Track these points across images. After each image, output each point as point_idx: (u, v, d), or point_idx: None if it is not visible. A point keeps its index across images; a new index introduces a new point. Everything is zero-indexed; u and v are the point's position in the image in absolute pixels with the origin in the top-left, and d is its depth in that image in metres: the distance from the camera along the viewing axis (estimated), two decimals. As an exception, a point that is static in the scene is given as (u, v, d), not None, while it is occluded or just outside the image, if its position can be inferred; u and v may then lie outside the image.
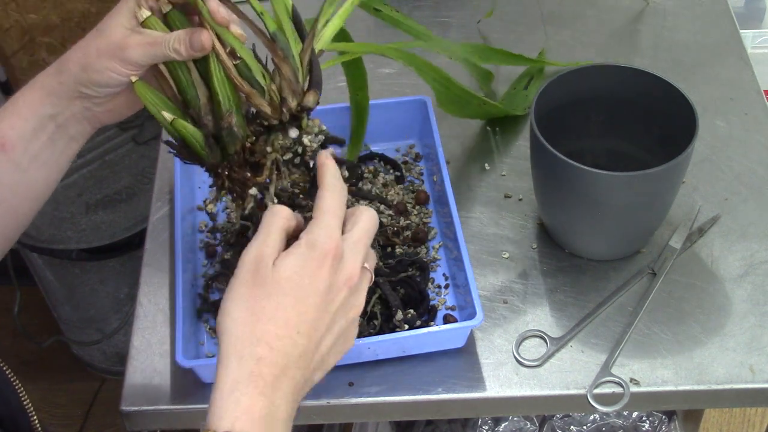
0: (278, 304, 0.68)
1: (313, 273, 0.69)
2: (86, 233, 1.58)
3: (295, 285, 0.69)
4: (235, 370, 0.67)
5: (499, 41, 1.23)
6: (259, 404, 0.66)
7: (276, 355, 0.67)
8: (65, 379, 1.96)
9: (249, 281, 0.70)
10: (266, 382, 0.67)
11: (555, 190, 0.95)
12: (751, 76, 1.17)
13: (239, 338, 0.68)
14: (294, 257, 0.70)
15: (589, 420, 1.15)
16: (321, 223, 0.71)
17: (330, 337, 0.71)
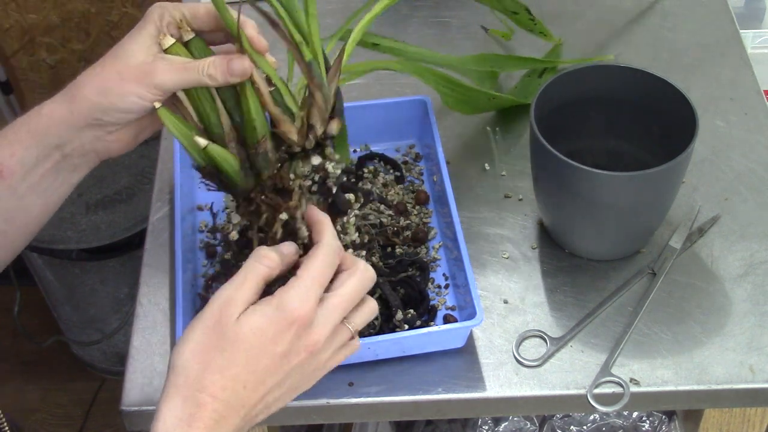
0: (230, 360, 0.70)
1: (273, 337, 0.70)
2: (86, 233, 1.59)
3: (251, 345, 0.70)
4: (179, 409, 0.69)
5: (499, 41, 1.23)
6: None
7: (218, 404, 0.69)
8: (65, 379, 1.96)
9: (209, 327, 0.70)
10: (205, 425, 0.69)
11: (555, 190, 0.95)
12: (751, 76, 1.17)
13: (186, 381, 0.70)
14: (259, 316, 0.70)
15: (589, 420, 1.15)
16: (299, 287, 0.71)
17: (278, 391, 0.72)
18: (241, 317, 0.70)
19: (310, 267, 0.72)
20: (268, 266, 0.73)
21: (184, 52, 0.80)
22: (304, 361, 0.72)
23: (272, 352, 0.70)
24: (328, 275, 0.73)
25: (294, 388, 0.74)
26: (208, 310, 0.71)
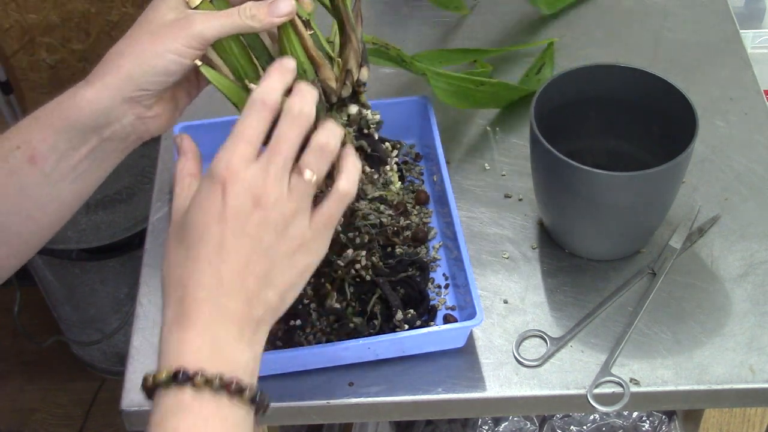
0: (188, 245, 0.68)
1: (211, 205, 0.68)
2: (86, 233, 1.58)
3: (196, 223, 0.68)
4: (164, 315, 0.68)
5: (499, 41, 1.23)
6: (188, 336, 0.66)
7: (192, 290, 0.67)
8: (65, 379, 1.96)
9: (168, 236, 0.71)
10: (190, 317, 0.67)
11: (555, 190, 0.95)
12: (751, 76, 1.17)
13: (164, 287, 0.69)
14: (196, 195, 0.69)
15: (589, 420, 1.15)
16: (220, 151, 0.69)
17: (260, 259, 0.69)
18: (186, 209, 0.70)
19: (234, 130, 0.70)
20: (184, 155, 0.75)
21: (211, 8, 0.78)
22: (261, 217, 0.68)
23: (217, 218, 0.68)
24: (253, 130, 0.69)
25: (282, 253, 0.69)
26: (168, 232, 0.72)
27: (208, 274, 0.68)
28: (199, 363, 0.65)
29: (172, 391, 0.65)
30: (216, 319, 0.67)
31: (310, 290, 0.93)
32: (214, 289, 0.67)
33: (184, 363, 0.65)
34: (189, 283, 0.67)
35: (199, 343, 0.66)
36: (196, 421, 0.65)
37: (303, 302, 0.92)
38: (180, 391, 0.65)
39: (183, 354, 0.66)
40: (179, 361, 0.65)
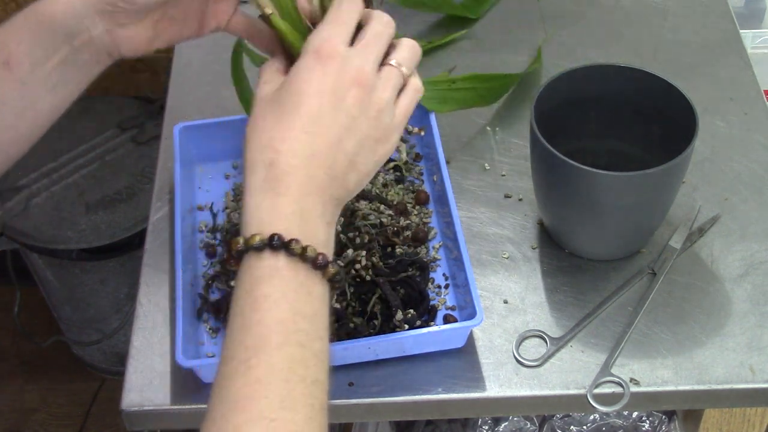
0: (281, 112, 0.68)
1: (312, 76, 0.68)
2: (86, 233, 1.58)
3: (294, 90, 0.68)
4: (250, 179, 0.67)
5: (499, 41, 1.23)
6: (282, 202, 0.66)
7: (285, 156, 0.67)
8: (65, 379, 1.96)
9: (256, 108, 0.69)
10: (280, 182, 0.66)
11: (555, 190, 0.95)
12: (751, 76, 1.17)
13: (248, 152, 0.68)
14: (294, 69, 0.69)
15: (589, 420, 1.15)
16: (319, 29, 0.70)
17: (353, 137, 0.69)
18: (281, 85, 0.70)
19: (329, 13, 0.71)
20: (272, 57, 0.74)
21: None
22: (359, 97, 0.69)
23: (318, 89, 0.68)
24: (350, 16, 0.71)
25: (368, 138, 0.70)
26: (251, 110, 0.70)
27: (302, 142, 0.67)
28: (290, 231, 0.65)
29: (265, 256, 0.64)
30: (306, 190, 0.67)
31: (310, 290, 0.93)
32: (307, 159, 0.67)
33: (276, 229, 0.64)
34: (282, 149, 0.67)
35: (290, 211, 0.66)
36: (287, 290, 0.64)
37: (303, 302, 0.92)
38: (273, 256, 0.64)
39: (275, 220, 0.65)
40: (272, 227, 0.65)
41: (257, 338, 0.61)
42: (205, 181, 1.08)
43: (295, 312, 0.63)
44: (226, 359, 0.62)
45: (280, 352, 0.61)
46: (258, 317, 0.62)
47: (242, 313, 0.63)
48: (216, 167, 1.08)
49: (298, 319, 0.63)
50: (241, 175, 1.08)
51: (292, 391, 0.61)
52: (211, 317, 0.95)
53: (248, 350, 0.61)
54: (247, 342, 0.62)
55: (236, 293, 0.65)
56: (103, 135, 1.70)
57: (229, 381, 0.61)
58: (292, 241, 0.64)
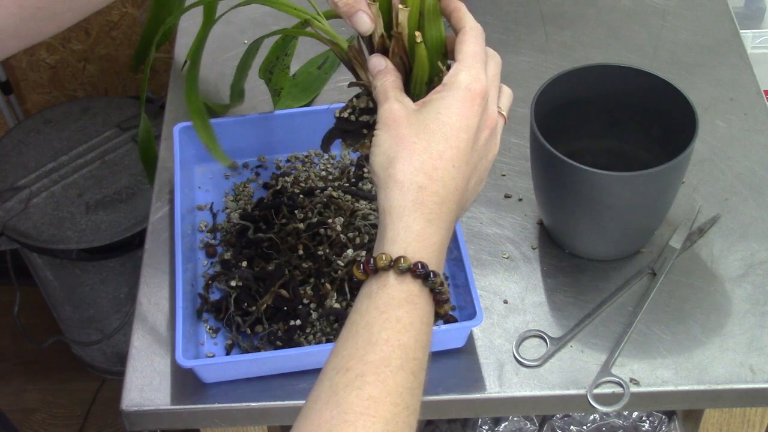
0: (430, 140, 0.69)
1: (462, 112, 0.70)
2: (86, 233, 1.58)
3: (445, 122, 0.69)
4: (399, 197, 0.68)
5: (499, 41, 1.23)
6: (429, 231, 0.67)
7: (436, 184, 0.68)
8: (65, 379, 1.96)
9: (393, 126, 0.70)
10: (430, 210, 0.68)
11: (555, 190, 0.95)
12: (751, 76, 1.17)
13: (398, 169, 0.68)
14: (440, 99, 0.70)
15: (589, 420, 1.15)
16: (467, 65, 0.71)
17: (476, 175, 0.72)
18: (420, 107, 0.71)
19: (468, 50, 0.72)
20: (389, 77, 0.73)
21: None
22: (488, 138, 0.72)
23: (466, 126, 0.70)
24: (484, 55, 0.73)
25: (483, 172, 0.74)
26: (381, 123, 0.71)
27: (451, 175, 0.69)
28: (431, 261, 0.67)
29: (406, 281, 0.66)
30: (449, 223, 0.69)
31: (310, 290, 0.93)
32: (451, 192, 0.69)
33: (422, 258, 0.66)
34: (435, 177, 0.68)
35: (435, 240, 0.68)
36: (416, 318, 0.65)
37: (303, 302, 0.92)
38: (413, 283, 0.66)
39: (423, 248, 0.67)
40: (418, 254, 0.66)
41: (380, 356, 0.63)
42: (205, 181, 1.08)
43: (417, 340, 0.65)
44: (341, 368, 0.63)
45: (395, 376, 0.63)
46: (386, 336, 0.64)
47: (370, 329, 0.64)
48: (216, 167, 1.08)
49: (417, 347, 0.65)
50: (240, 175, 1.08)
51: (397, 416, 0.63)
52: (211, 317, 0.95)
53: (368, 365, 0.63)
54: (369, 357, 0.63)
55: (365, 307, 0.66)
56: (103, 135, 1.70)
57: (343, 390, 0.62)
58: (432, 273, 0.66)
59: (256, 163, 1.09)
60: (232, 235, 1.00)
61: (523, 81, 1.17)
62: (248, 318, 0.92)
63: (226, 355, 0.92)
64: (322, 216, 1.00)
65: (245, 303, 0.93)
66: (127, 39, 1.75)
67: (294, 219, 1.00)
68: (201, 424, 0.92)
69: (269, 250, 0.97)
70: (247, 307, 0.93)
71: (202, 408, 0.90)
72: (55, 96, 1.82)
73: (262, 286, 0.94)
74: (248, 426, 0.96)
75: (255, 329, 0.92)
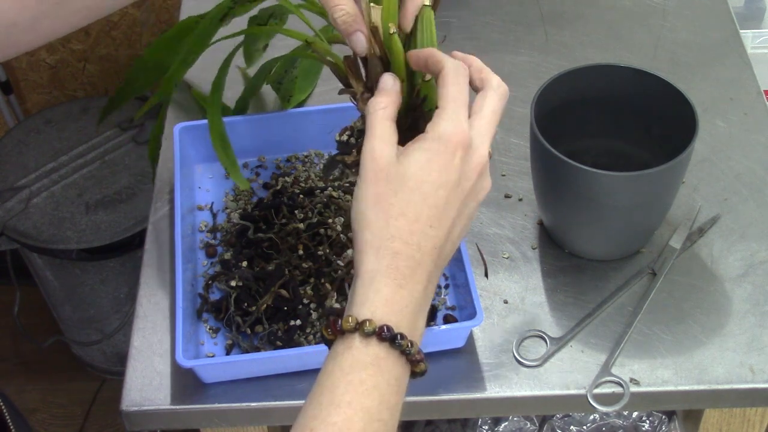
0: (408, 201, 0.68)
1: (441, 167, 0.68)
2: (86, 233, 1.58)
3: (423, 180, 0.68)
4: (373, 262, 0.67)
5: (499, 41, 1.23)
6: (400, 295, 0.67)
7: (411, 249, 0.67)
8: (65, 379, 1.96)
9: (373, 179, 0.68)
10: (403, 275, 0.67)
11: (555, 190, 0.95)
12: (751, 76, 1.17)
13: (374, 234, 0.68)
14: (420, 152, 0.69)
15: (589, 420, 1.15)
16: (447, 114, 0.69)
17: (460, 223, 0.71)
18: (400, 157, 0.69)
19: (447, 94, 0.70)
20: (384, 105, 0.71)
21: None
22: (475, 184, 0.70)
23: (446, 181, 0.68)
24: (465, 96, 0.71)
25: (470, 216, 0.72)
26: (364, 169, 0.69)
27: (428, 237, 0.68)
28: (400, 325, 0.66)
29: (371, 343, 0.65)
30: (423, 285, 0.68)
31: (310, 290, 0.93)
32: (428, 253, 0.68)
33: (389, 321, 0.66)
34: (410, 241, 0.67)
35: (405, 304, 0.67)
36: (381, 381, 0.65)
37: (303, 302, 0.92)
38: (378, 346, 0.65)
39: (390, 312, 0.66)
40: (384, 317, 0.66)
41: (342, 418, 0.63)
42: (205, 181, 1.08)
43: (381, 402, 0.65)
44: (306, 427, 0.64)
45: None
46: (348, 399, 0.64)
47: (333, 390, 0.65)
48: (216, 167, 1.08)
49: (382, 409, 0.65)
50: (241, 175, 1.08)
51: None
52: (211, 317, 0.95)
53: (330, 426, 0.63)
54: (331, 419, 0.63)
55: (330, 369, 0.66)
56: (103, 135, 1.70)
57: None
58: (399, 335, 0.66)
59: (256, 163, 1.09)
60: (232, 235, 1.00)
61: (523, 81, 1.17)
62: (248, 318, 0.92)
63: (226, 355, 0.92)
64: (322, 216, 1.00)
65: (245, 303, 0.93)
66: (127, 39, 1.75)
67: (294, 219, 1.00)
68: (201, 424, 0.92)
69: (269, 250, 0.97)
70: (247, 307, 0.93)
71: (202, 408, 0.90)
72: (55, 96, 1.82)
73: (262, 286, 0.94)
74: (248, 426, 0.96)
75: (255, 329, 0.92)
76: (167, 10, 1.72)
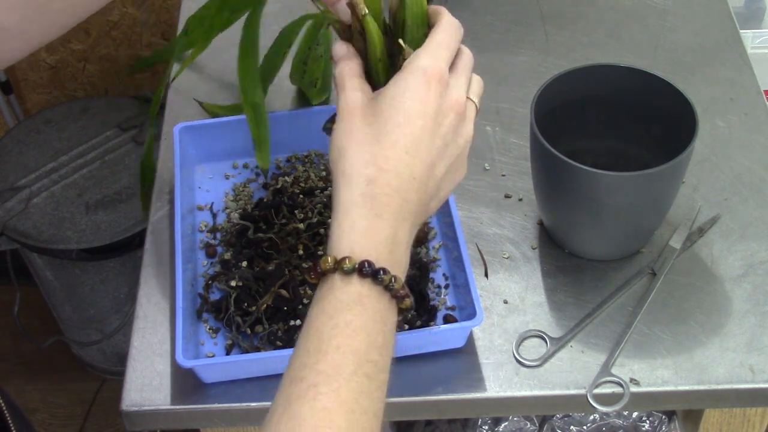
0: (383, 128, 0.67)
1: (418, 96, 0.67)
2: (86, 233, 1.58)
3: (398, 108, 0.67)
4: (346, 193, 0.65)
5: (499, 41, 1.23)
6: (379, 226, 0.64)
7: (387, 175, 0.65)
8: (65, 379, 1.96)
9: (347, 117, 0.68)
10: (380, 203, 0.65)
11: (555, 190, 0.95)
12: (751, 76, 1.17)
13: (347, 163, 0.66)
14: (395, 83, 0.68)
15: (589, 420, 1.15)
16: (426, 51, 0.69)
17: (443, 163, 0.69)
18: (377, 96, 0.68)
19: (434, 37, 0.70)
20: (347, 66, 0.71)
21: None
22: (454, 124, 0.69)
23: (422, 111, 0.67)
24: (453, 43, 0.71)
25: (453, 164, 0.70)
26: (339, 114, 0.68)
27: (404, 163, 0.66)
28: (380, 259, 0.64)
29: (353, 281, 0.63)
30: (402, 215, 0.66)
31: (310, 290, 0.93)
32: (407, 182, 0.66)
33: (369, 255, 0.63)
34: (386, 167, 0.65)
35: (383, 237, 0.64)
36: (367, 320, 0.63)
37: (303, 302, 0.92)
38: (360, 283, 0.63)
39: (369, 245, 0.64)
40: (363, 251, 0.64)
41: (332, 365, 0.61)
42: (205, 181, 1.08)
43: (370, 343, 0.63)
44: (295, 378, 0.62)
45: (349, 383, 0.61)
46: (336, 343, 0.62)
47: (320, 336, 0.62)
48: (216, 167, 1.08)
49: (371, 350, 0.63)
50: (240, 175, 1.08)
51: (354, 423, 0.61)
52: (211, 317, 0.95)
53: (320, 375, 0.61)
54: (320, 366, 0.61)
55: (315, 313, 0.64)
56: (103, 135, 1.70)
57: (296, 402, 0.60)
58: (381, 270, 0.63)
59: (256, 163, 1.09)
60: (232, 235, 1.00)
61: (523, 81, 1.17)
62: (248, 318, 0.92)
63: (226, 355, 0.92)
64: (322, 216, 1.00)
65: (245, 303, 0.93)
66: (127, 39, 1.75)
67: (294, 219, 1.00)
68: (201, 424, 0.92)
69: (269, 250, 0.97)
70: (247, 307, 0.93)
71: (201, 408, 0.90)
72: (55, 96, 1.82)
73: (262, 286, 0.94)
74: (248, 426, 0.96)
75: (255, 329, 0.92)
76: (167, 10, 1.72)
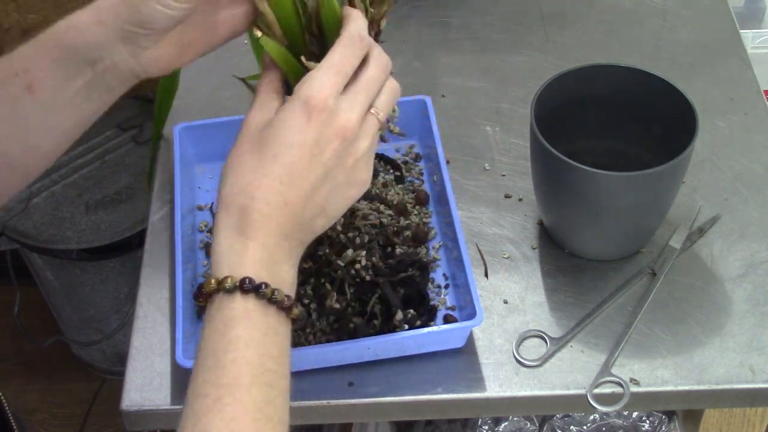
0: (263, 157, 0.69)
1: (297, 127, 0.69)
2: (86, 233, 1.58)
3: (277, 137, 0.69)
4: (224, 220, 0.69)
5: (499, 41, 1.23)
6: (253, 248, 0.68)
7: (257, 203, 0.68)
8: (65, 379, 1.96)
9: (239, 143, 0.71)
10: (253, 228, 0.68)
11: (555, 190, 0.95)
12: (751, 76, 1.17)
13: (227, 192, 0.70)
14: (280, 114, 0.70)
15: (589, 420, 1.15)
16: (312, 77, 0.70)
17: (326, 186, 0.71)
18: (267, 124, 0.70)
19: (330, 55, 0.71)
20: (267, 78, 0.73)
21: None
22: (339, 149, 0.70)
23: (299, 142, 0.69)
24: (348, 63, 0.71)
25: (341, 185, 0.72)
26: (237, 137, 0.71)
27: (276, 192, 0.69)
28: (259, 275, 0.67)
29: (236, 298, 0.67)
30: (275, 239, 0.69)
31: (310, 290, 0.93)
32: (278, 209, 0.69)
33: (247, 273, 0.67)
34: (256, 195, 0.68)
35: (259, 257, 0.68)
36: (255, 332, 0.66)
37: (303, 302, 0.92)
38: (244, 299, 0.67)
39: (245, 264, 0.68)
40: (241, 270, 0.67)
41: (230, 377, 0.64)
42: (205, 181, 1.08)
43: (263, 354, 0.66)
44: (197, 395, 0.64)
45: (250, 393, 0.64)
46: (231, 357, 0.65)
47: (215, 353, 0.66)
48: (216, 167, 1.08)
49: (265, 360, 0.66)
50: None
51: (261, 429, 0.64)
52: (211, 317, 0.95)
53: (222, 388, 0.64)
54: (221, 381, 0.64)
55: (207, 332, 0.67)
56: (103, 135, 1.70)
57: (205, 416, 0.63)
58: (262, 285, 0.67)
59: (256, 163, 1.09)
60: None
61: (523, 81, 1.17)
62: (248, 318, 0.92)
63: (226, 355, 0.92)
64: (322, 216, 0.99)
65: (245, 303, 0.93)
66: (127, 39, 1.75)
67: (294, 219, 0.99)
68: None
69: (269, 250, 0.97)
70: (247, 307, 0.93)
71: (202, 408, 0.90)
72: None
73: (262, 286, 0.94)
74: (248, 426, 0.96)
75: (255, 329, 0.92)
76: (167, 10, 1.71)
